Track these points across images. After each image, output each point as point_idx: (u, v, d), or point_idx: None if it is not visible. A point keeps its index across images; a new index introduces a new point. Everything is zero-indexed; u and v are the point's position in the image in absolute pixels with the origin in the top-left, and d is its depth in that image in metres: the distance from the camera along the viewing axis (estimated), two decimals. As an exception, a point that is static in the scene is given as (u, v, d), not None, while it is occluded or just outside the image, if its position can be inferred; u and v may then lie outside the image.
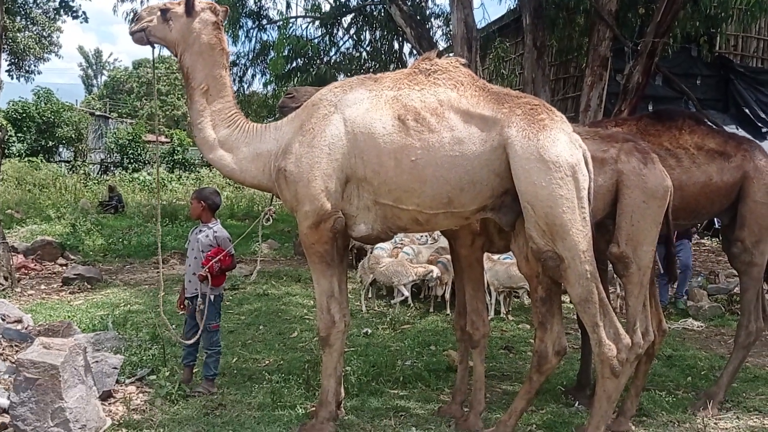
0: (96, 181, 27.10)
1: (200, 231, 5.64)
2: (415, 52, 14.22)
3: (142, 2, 17.67)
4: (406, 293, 8.81)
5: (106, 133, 34.60)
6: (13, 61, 30.48)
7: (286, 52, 13.70)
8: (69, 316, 7.73)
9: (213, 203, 5.66)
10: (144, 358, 6.12)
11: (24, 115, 28.87)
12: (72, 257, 12.00)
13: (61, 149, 31.31)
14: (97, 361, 5.31)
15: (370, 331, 7.83)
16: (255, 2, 15.89)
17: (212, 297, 5.56)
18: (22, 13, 30.70)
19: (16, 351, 5.91)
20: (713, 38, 15.44)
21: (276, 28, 16.23)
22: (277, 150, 4.52)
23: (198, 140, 4.75)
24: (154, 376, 5.76)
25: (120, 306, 8.56)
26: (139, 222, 17.01)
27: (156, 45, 4.75)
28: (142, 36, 4.70)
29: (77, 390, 4.43)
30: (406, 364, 6.38)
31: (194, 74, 4.64)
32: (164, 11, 4.63)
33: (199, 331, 5.47)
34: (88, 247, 13.00)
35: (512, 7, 17.22)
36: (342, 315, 4.59)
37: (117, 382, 5.53)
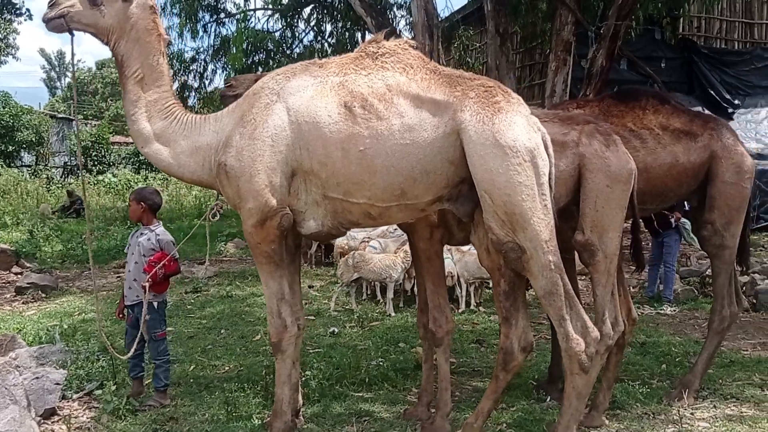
0: (60, 185, 26.38)
1: (141, 234, 5.29)
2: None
3: None
4: (391, 295, 8.54)
5: (69, 135, 33.77)
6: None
7: (245, 45, 13.29)
8: (18, 328, 7.33)
9: (154, 203, 5.31)
10: (92, 371, 5.76)
11: (-19, 120, 28.02)
12: (28, 265, 11.53)
13: (22, 153, 30.45)
14: (37, 377, 4.97)
15: (337, 330, 7.56)
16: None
17: (156, 304, 5.24)
18: (-24, 15, 29.93)
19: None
20: (676, 20, 15.35)
21: (235, 21, 15.80)
22: (217, 143, 4.22)
23: (132, 133, 4.43)
24: (102, 390, 5.42)
25: (73, 315, 8.17)
26: (100, 225, 16.48)
27: (77, 32, 4.37)
28: (61, 23, 4.27)
29: (9, 411, 4.09)
30: (372, 364, 6.10)
31: (129, 62, 4.33)
32: None
33: (135, 342, 5.14)
34: (45, 254, 12.53)
35: (475, -5, 16.95)
36: (294, 318, 4.30)
37: (63, 398, 5.21)
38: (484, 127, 3.75)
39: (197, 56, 16.95)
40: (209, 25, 16.16)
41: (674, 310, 8.52)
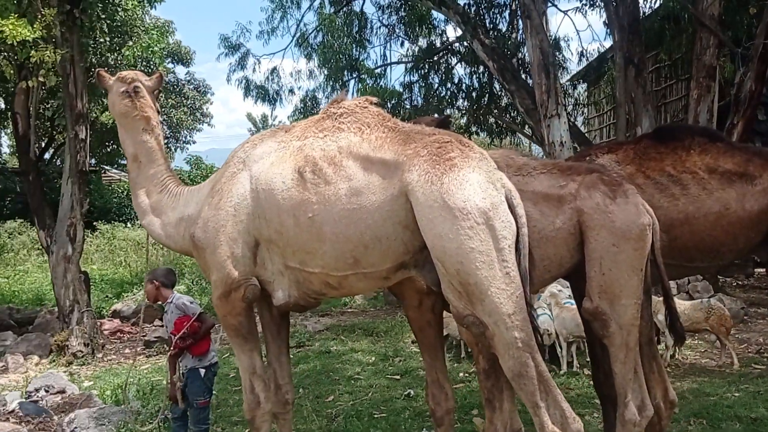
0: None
1: (165, 313, 5.44)
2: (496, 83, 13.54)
3: (254, 69, 18.50)
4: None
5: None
6: (169, 134, 33.30)
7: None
8: (120, 384, 7.80)
9: (166, 280, 5.41)
10: (141, 434, 5.92)
11: (175, 182, 31.09)
12: (173, 318, 12.37)
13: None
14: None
15: (413, 392, 7.18)
16: (349, 57, 15.95)
17: (202, 371, 5.30)
18: (176, 90, 33.71)
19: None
20: None
21: (374, 78, 16.19)
22: (197, 214, 4.21)
23: (135, 207, 4.66)
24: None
25: (178, 371, 8.56)
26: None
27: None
28: None
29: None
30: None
31: (124, 145, 4.67)
32: None
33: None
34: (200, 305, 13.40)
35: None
36: (267, 395, 4.10)
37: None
38: (432, 187, 3.37)
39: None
40: (348, 82, 16.69)
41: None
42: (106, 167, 28.68)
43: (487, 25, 14.55)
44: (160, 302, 5.52)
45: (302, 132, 3.94)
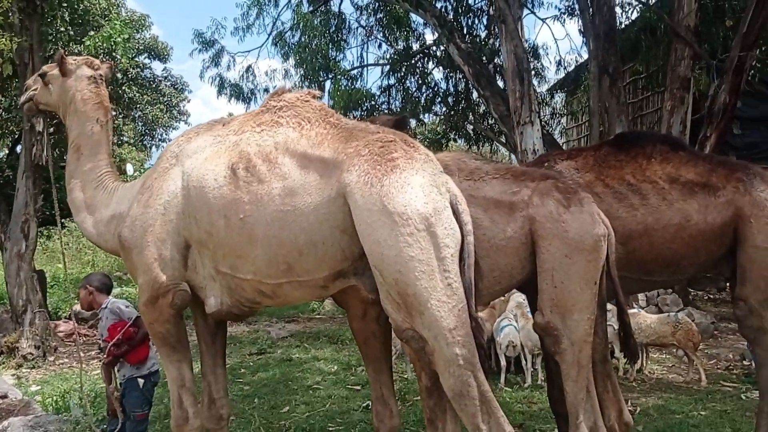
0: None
1: (100, 319, 5.13)
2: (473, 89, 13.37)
3: (229, 67, 18.18)
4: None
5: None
6: (144, 131, 32.77)
7: (344, 103, 13.33)
8: (68, 389, 7.47)
9: (101, 285, 5.12)
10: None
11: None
12: (134, 321, 12.03)
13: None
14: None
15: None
16: (324, 57, 15.71)
17: (141, 381, 5.00)
18: (152, 86, 33.20)
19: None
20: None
21: (349, 79, 15.95)
22: (127, 212, 3.93)
23: (69, 202, 4.35)
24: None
25: (129, 376, 8.24)
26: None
27: (44, 112, 4.52)
28: (30, 105, 4.57)
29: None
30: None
31: (71, 134, 4.37)
32: (43, 75, 4.46)
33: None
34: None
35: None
36: (196, 411, 3.82)
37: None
38: (372, 189, 3.12)
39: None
40: (324, 82, 16.44)
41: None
42: (78, 164, 28.11)
43: (464, 29, 14.41)
44: (94, 309, 5.22)
45: (240, 126, 3.69)
